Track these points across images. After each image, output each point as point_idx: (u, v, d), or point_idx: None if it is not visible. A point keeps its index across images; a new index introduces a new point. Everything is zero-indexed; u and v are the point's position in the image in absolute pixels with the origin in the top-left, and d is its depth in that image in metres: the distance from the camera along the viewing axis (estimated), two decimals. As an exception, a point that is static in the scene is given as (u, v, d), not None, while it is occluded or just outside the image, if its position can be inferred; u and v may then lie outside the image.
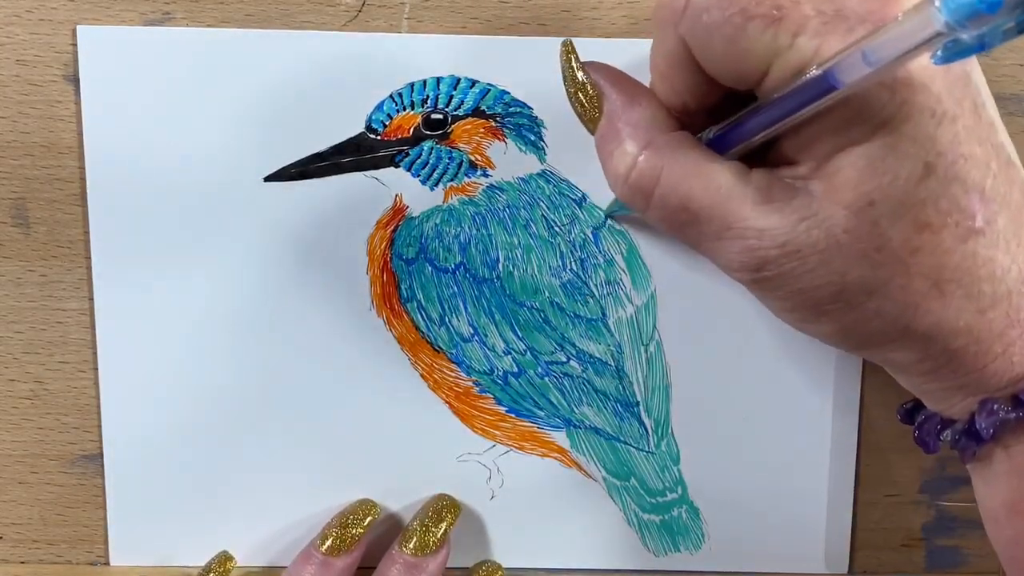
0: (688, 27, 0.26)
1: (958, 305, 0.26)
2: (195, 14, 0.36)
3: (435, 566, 0.36)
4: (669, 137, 0.28)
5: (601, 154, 0.29)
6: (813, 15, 0.24)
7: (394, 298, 0.37)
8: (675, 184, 0.27)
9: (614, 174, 0.28)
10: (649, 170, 0.27)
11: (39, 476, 0.39)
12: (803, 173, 0.26)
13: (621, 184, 0.28)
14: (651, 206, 0.27)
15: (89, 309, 0.37)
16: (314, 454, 0.38)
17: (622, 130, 0.28)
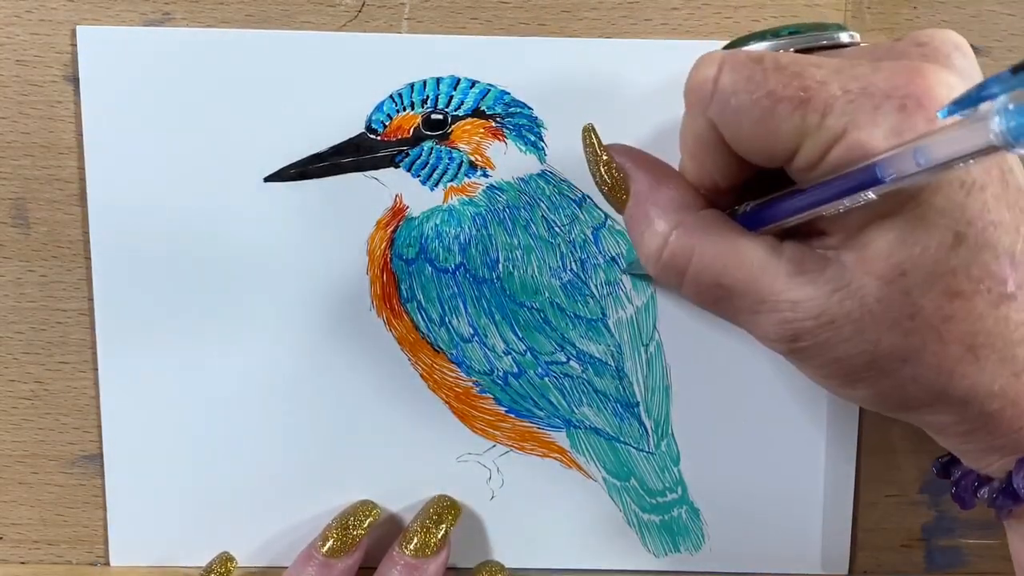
0: (717, 110, 0.26)
1: (993, 369, 0.26)
2: (195, 14, 0.36)
3: (435, 567, 0.36)
4: (699, 216, 0.28)
5: (632, 234, 0.29)
6: (840, 94, 0.24)
7: (394, 298, 0.37)
8: (708, 262, 0.27)
9: (646, 254, 0.29)
10: (681, 249, 0.28)
11: (39, 476, 0.39)
12: (834, 244, 0.26)
13: (654, 263, 0.28)
14: (685, 284, 0.28)
15: (89, 309, 0.37)
16: (314, 454, 0.38)
17: (651, 211, 0.28)
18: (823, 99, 0.25)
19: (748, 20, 0.36)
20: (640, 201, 0.29)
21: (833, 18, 0.36)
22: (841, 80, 0.25)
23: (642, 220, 0.29)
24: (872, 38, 0.36)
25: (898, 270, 0.25)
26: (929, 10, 0.36)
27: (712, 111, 0.26)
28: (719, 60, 0.26)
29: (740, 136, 0.26)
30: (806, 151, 0.25)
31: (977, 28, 0.36)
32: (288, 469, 0.38)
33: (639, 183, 0.29)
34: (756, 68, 0.26)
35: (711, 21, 0.36)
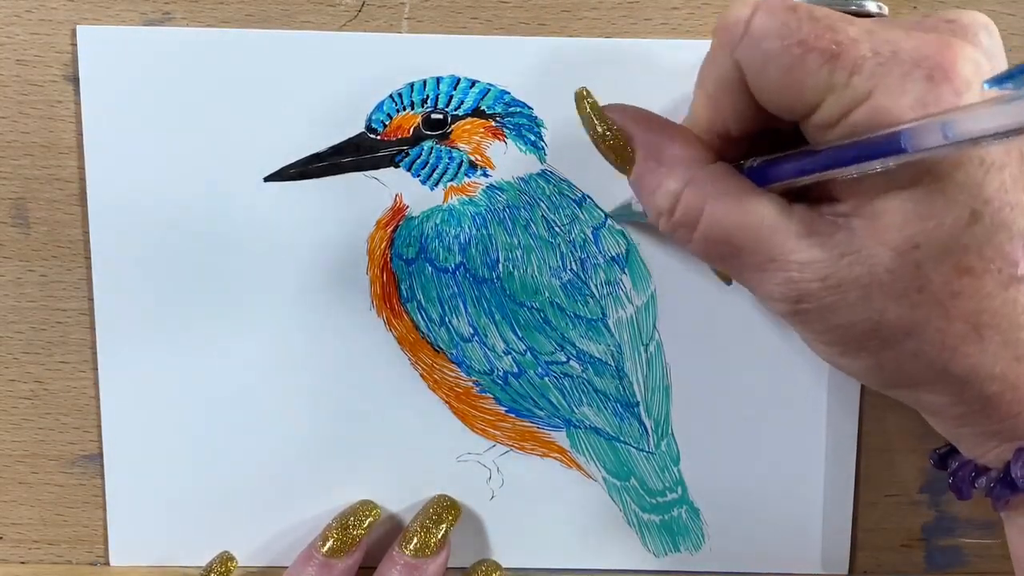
0: (745, 52, 0.26)
1: (995, 351, 0.26)
2: (195, 14, 0.36)
3: (435, 568, 0.36)
4: (709, 170, 0.28)
5: (641, 193, 0.29)
6: (870, 55, 0.24)
7: (394, 298, 0.37)
8: (719, 218, 0.27)
9: (656, 211, 0.28)
10: (693, 206, 0.27)
11: (39, 476, 0.39)
12: (844, 211, 0.26)
13: (665, 221, 0.28)
14: (695, 240, 0.28)
15: (89, 309, 0.37)
16: (314, 454, 0.38)
17: (659, 170, 0.28)
18: (853, 57, 0.24)
19: (748, 20, 0.36)
20: (647, 160, 0.28)
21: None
22: (873, 42, 0.24)
23: (651, 179, 0.28)
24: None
25: (911, 242, 0.25)
26: (929, 10, 0.36)
27: (740, 52, 0.26)
28: (754, 2, 0.26)
29: (764, 82, 0.26)
30: (828, 107, 0.25)
31: (977, 28, 0.36)
32: (288, 469, 0.38)
33: (644, 143, 0.28)
34: (791, 15, 0.25)
35: (711, 21, 0.36)
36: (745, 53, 0.26)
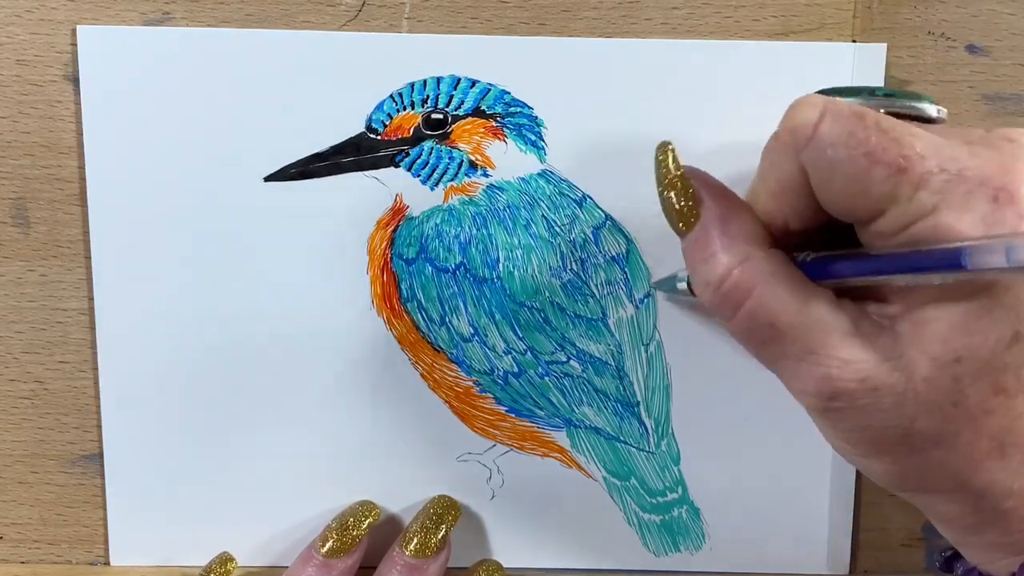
0: (811, 157, 0.26)
1: (1015, 468, 0.26)
2: (195, 14, 0.36)
3: (435, 568, 0.36)
4: (766, 254, 0.28)
5: (691, 259, 0.29)
6: (937, 172, 0.24)
7: (394, 298, 0.37)
8: (767, 302, 0.27)
9: (704, 280, 0.28)
10: (744, 284, 0.27)
11: (39, 476, 0.39)
12: (892, 313, 0.26)
13: (711, 292, 0.28)
14: (738, 317, 0.28)
15: (89, 309, 0.37)
16: (314, 454, 0.38)
17: (718, 239, 0.28)
18: (920, 172, 0.24)
19: (748, 20, 0.36)
20: (708, 228, 0.28)
21: (836, 18, 0.36)
22: (939, 158, 0.25)
23: (707, 247, 0.28)
24: (874, 38, 0.36)
25: (953, 355, 0.25)
26: (930, 10, 0.36)
27: (806, 156, 0.26)
28: (822, 106, 0.26)
29: (828, 187, 0.26)
30: (890, 218, 0.25)
31: (977, 28, 0.36)
32: (288, 469, 0.38)
33: (711, 209, 0.28)
34: (859, 124, 0.25)
35: (711, 20, 0.36)
36: (811, 157, 0.26)
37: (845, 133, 0.25)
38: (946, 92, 0.37)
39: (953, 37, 0.36)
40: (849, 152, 0.25)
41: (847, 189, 0.26)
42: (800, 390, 0.27)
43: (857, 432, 0.27)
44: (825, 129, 0.26)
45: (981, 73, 0.36)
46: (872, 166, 0.25)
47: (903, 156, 0.25)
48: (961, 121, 0.37)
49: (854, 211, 0.26)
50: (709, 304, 0.28)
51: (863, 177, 0.25)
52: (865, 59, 0.36)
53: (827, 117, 0.26)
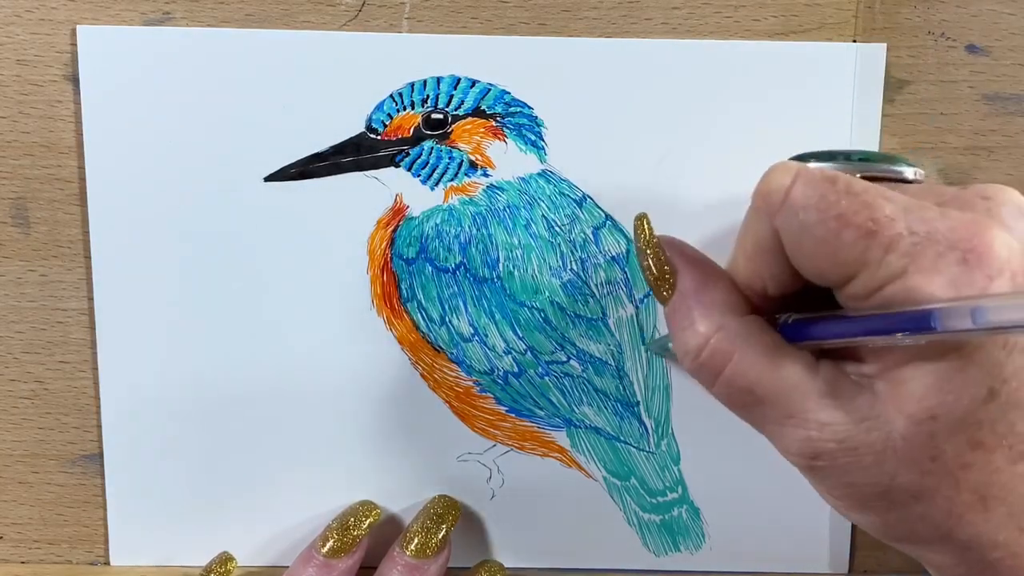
0: (783, 221, 0.26)
1: (999, 521, 0.26)
2: (195, 14, 0.36)
3: (436, 568, 0.36)
4: (742, 321, 0.28)
5: (671, 328, 0.29)
6: (906, 234, 0.25)
7: (394, 298, 0.37)
8: (745, 369, 0.27)
9: (683, 350, 0.29)
10: (720, 352, 0.28)
11: (39, 476, 0.39)
12: (869, 372, 0.27)
13: (691, 360, 0.29)
14: (718, 384, 0.28)
15: (89, 309, 0.37)
16: (314, 454, 0.38)
17: (694, 309, 0.28)
18: (889, 235, 0.25)
19: (748, 20, 0.36)
20: (685, 298, 0.29)
21: (836, 18, 0.36)
22: (909, 220, 0.25)
23: (684, 316, 0.29)
24: (874, 38, 0.36)
25: (928, 413, 0.25)
26: (930, 10, 0.36)
27: (779, 220, 0.27)
28: (794, 171, 0.26)
29: (801, 250, 0.27)
30: (862, 281, 0.25)
31: (977, 28, 0.36)
32: (288, 469, 0.38)
33: (686, 280, 0.29)
34: (830, 188, 0.26)
35: (711, 20, 0.36)
36: (783, 221, 0.26)
37: (816, 197, 0.26)
38: (946, 92, 0.37)
39: (953, 37, 0.36)
40: (820, 216, 0.26)
41: (819, 252, 0.26)
42: (785, 450, 0.28)
43: (841, 488, 0.27)
44: (797, 193, 0.26)
45: (981, 73, 0.36)
46: (842, 229, 0.25)
47: (872, 219, 0.25)
48: (961, 121, 0.37)
49: (826, 274, 0.26)
50: (690, 372, 0.29)
51: (834, 240, 0.25)
52: (865, 59, 0.36)
53: (799, 181, 0.26)
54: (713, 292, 0.29)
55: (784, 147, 0.36)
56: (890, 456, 0.26)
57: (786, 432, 0.27)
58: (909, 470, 0.26)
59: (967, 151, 0.37)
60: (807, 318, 0.28)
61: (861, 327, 0.26)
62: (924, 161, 0.37)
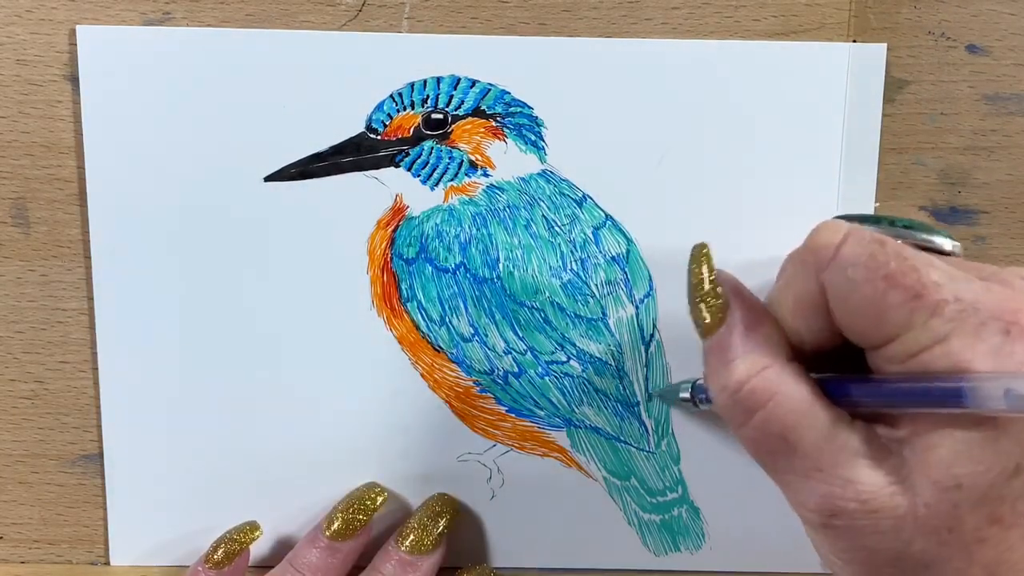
0: (831, 277, 0.27)
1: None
2: (195, 14, 0.36)
3: (429, 565, 0.36)
4: (787, 365, 0.28)
5: (711, 361, 0.29)
6: (951, 301, 0.25)
7: (394, 298, 0.37)
8: (782, 413, 0.27)
9: (721, 385, 0.28)
10: (761, 392, 0.27)
11: (39, 476, 0.39)
12: (900, 436, 0.26)
13: (727, 396, 0.28)
14: (750, 425, 0.28)
15: (89, 309, 0.37)
16: (314, 454, 0.38)
17: (741, 345, 0.28)
18: (935, 300, 0.25)
19: (748, 20, 0.36)
20: (733, 332, 0.29)
21: (836, 18, 0.36)
22: (955, 288, 0.25)
23: (729, 351, 0.28)
24: (874, 37, 0.36)
25: (955, 481, 0.25)
26: (930, 10, 0.36)
27: (827, 276, 0.27)
28: (845, 230, 0.27)
29: (846, 308, 0.27)
30: (904, 343, 0.26)
31: (977, 28, 0.36)
32: (288, 469, 0.38)
33: (737, 315, 0.29)
34: (879, 248, 0.26)
35: (711, 20, 0.36)
36: (831, 277, 0.27)
37: (866, 256, 0.26)
38: (946, 92, 0.37)
39: (953, 37, 0.36)
40: (868, 274, 0.26)
41: (864, 311, 0.26)
42: (801, 503, 0.28)
43: (851, 552, 0.27)
44: (847, 251, 0.26)
45: (981, 73, 0.37)
46: (889, 290, 0.25)
47: (920, 283, 0.25)
48: (960, 121, 0.37)
49: (868, 333, 0.26)
50: (722, 408, 0.29)
51: (880, 300, 0.26)
52: (865, 59, 0.36)
53: (850, 240, 0.26)
54: (763, 331, 0.29)
55: (784, 147, 0.36)
56: (909, 522, 0.26)
57: (809, 485, 0.27)
58: (926, 539, 0.26)
59: (967, 151, 0.37)
60: (842, 378, 0.28)
61: (896, 394, 0.26)
62: (925, 161, 0.37)
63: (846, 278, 0.26)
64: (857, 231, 0.27)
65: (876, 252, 0.26)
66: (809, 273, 0.27)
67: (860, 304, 0.26)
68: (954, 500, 0.25)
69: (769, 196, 0.36)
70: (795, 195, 0.36)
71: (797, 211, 0.36)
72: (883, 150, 0.37)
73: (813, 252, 0.27)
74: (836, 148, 0.36)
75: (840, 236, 0.27)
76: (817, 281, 0.27)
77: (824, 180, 0.36)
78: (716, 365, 0.29)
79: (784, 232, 0.37)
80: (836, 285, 0.27)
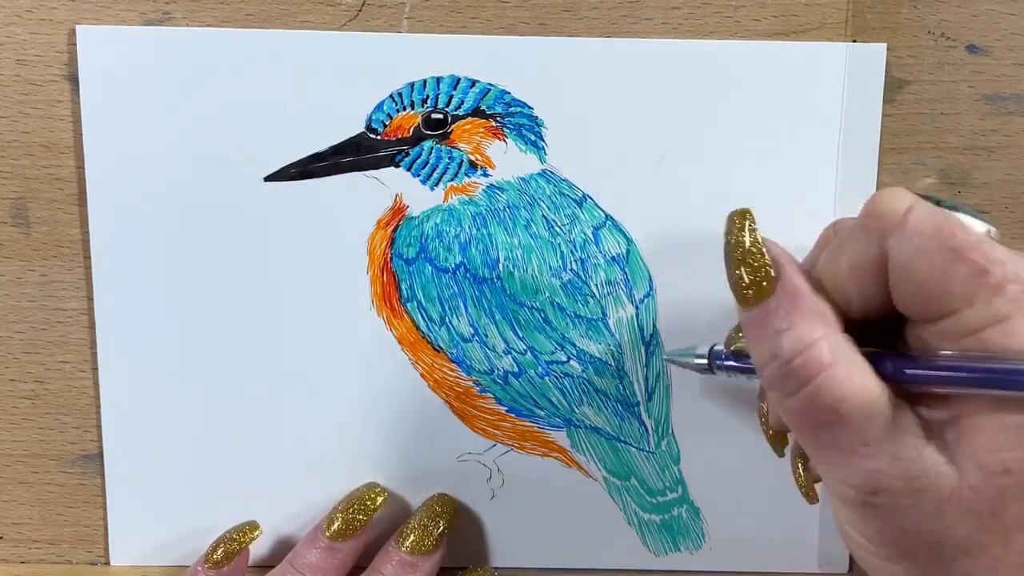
0: (897, 242, 0.26)
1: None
2: (195, 14, 0.36)
3: (430, 566, 0.36)
4: (842, 336, 0.27)
5: (760, 329, 0.28)
6: (1015, 280, 0.25)
7: (394, 298, 0.37)
8: (837, 383, 0.26)
9: (772, 353, 0.27)
10: (816, 361, 0.26)
11: (39, 476, 0.39)
12: (944, 418, 0.26)
13: (778, 365, 0.27)
14: (800, 395, 0.27)
15: (89, 309, 0.37)
16: (313, 454, 0.38)
17: (795, 314, 0.27)
18: (1000, 277, 0.25)
19: (748, 20, 0.36)
20: (784, 300, 0.27)
21: (836, 18, 0.36)
22: (1017, 268, 0.25)
23: (783, 319, 0.27)
24: (873, 38, 0.36)
25: (1002, 466, 0.25)
26: (930, 10, 0.36)
27: (893, 241, 0.26)
28: (911, 197, 0.26)
29: (908, 276, 0.26)
30: (964, 318, 0.25)
31: (977, 28, 0.36)
32: (288, 469, 0.38)
33: (793, 282, 0.28)
34: (946, 221, 0.26)
35: (711, 20, 0.36)
36: (897, 243, 0.26)
37: (933, 225, 0.26)
38: (946, 92, 0.37)
39: (953, 37, 0.36)
40: (937, 244, 0.25)
41: (928, 281, 0.26)
42: (843, 480, 0.27)
43: (888, 532, 0.26)
44: (916, 217, 0.26)
45: (981, 73, 0.37)
46: (956, 262, 0.25)
47: (987, 259, 0.25)
48: (960, 121, 0.37)
49: (928, 305, 0.26)
50: (769, 378, 0.28)
51: (946, 271, 0.25)
52: (865, 59, 0.36)
53: (916, 208, 0.26)
54: (816, 300, 0.27)
55: (785, 147, 0.36)
56: (954, 505, 0.25)
57: (853, 460, 0.26)
58: (968, 523, 0.25)
59: (967, 151, 0.37)
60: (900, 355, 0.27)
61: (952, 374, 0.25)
62: (925, 160, 0.37)
63: (913, 245, 0.26)
64: (922, 201, 0.26)
65: (942, 224, 0.25)
66: (871, 238, 0.27)
67: (925, 274, 0.25)
68: (1001, 485, 0.25)
69: (769, 196, 0.36)
70: (795, 195, 0.36)
71: (797, 211, 0.36)
72: (883, 150, 0.37)
73: (878, 218, 0.26)
74: (835, 148, 0.36)
75: (907, 203, 0.26)
76: (880, 247, 0.26)
77: (824, 180, 0.36)
78: (765, 334, 0.27)
79: (784, 232, 0.37)
80: (902, 252, 0.26)
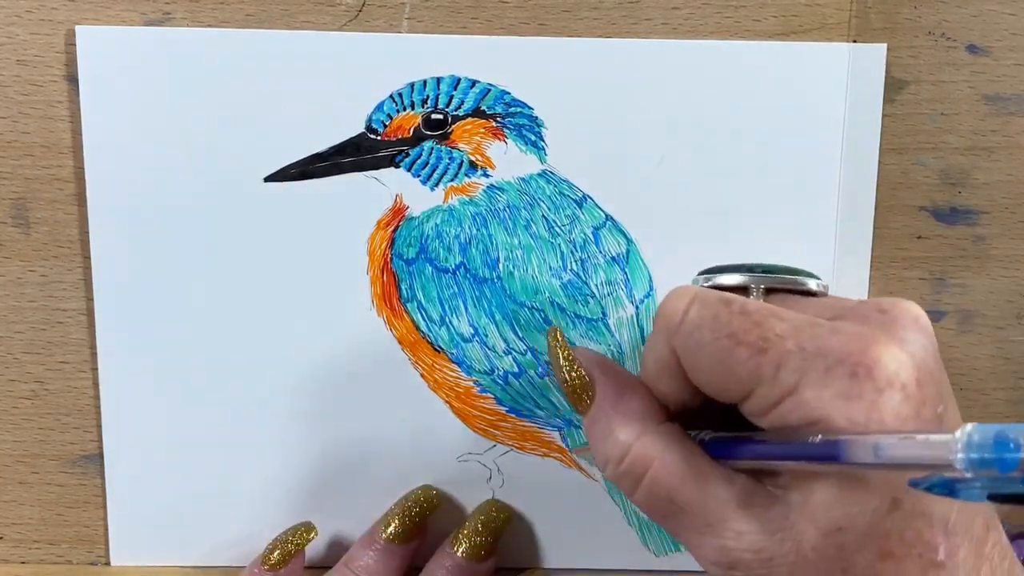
0: (680, 341, 0.27)
1: None
2: (195, 14, 0.36)
3: (483, 572, 0.36)
4: (661, 429, 0.29)
5: (591, 438, 0.30)
6: (795, 351, 0.25)
7: (394, 298, 0.37)
8: (664, 477, 0.28)
9: (604, 458, 0.29)
10: (641, 460, 0.28)
11: (39, 476, 0.39)
12: (782, 484, 0.27)
13: (612, 468, 0.29)
14: (638, 492, 0.29)
15: (89, 309, 0.37)
16: (314, 454, 0.38)
17: (614, 419, 0.29)
18: (779, 352, 0.26)
19: (749, 20, 0.36)
20: (603, 408, 0.30)
21: (836, 18, 0.36)
22: (798, 337, 0.26)
23: (604, 426, 0.29)
24: (875, 38, 0.36)
25: (835, 524, 0.26)
26: (930, 10, 0.36)
27: (676, 340, 0.28)
28: (692, 294, 0.28)
29: (698, 368, 0.27)
30: (758, 397, 0.26)
31: (977, 28, 0.36)
32: (288, 469, 0.38)
33: (604, 390, 0.30)
34: (723, 309, 0.27)
35: (712, 21, 0.36)
36: (680, 341, 0.27)
37: (710, 317, 0.27)
38: (946, 92, 0.37)
39: (953, 37, 0.36)
40: (713, 335, 0.26)
41: (715, 370, 0.27)
42: (703, 558, 0.28)
43: None
44: (692, 314, 0.27)
45: (981, 73, 0.37)
46: (734, 347, 0.26)
47: (763, 338, 0.26)
48: (961, 121, 0.37)
49: (725, 390, 0.27)
50: (612, 480, 0.29)
51: (727, 358, 0.26)
52: (865, 59, 0.36)
53: (695, 304, 0.27)
54: (631, 401, 0.29)
55: (785, 147, 0.36)
56: (803, 567, 0.26)
57: (704, 541, 0.28)
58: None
59: (967, 151, 0.37)
60: (723, 437, 0.28)
61: (773, 451, 0.26)
62: (925, 161, 0.37)
63: (693, 340, 0.27)
64: (703, 294, 0.27)
65: (720, 313, 0.27)
66: (662, 339, 0.28)
67: (710, 363, 0.27)
68: (839, 542, 0.25)
69: (769, 196, 0.36)
70: (795, 195, 0.36)
71: (797, 211, 0.36)
72: (883, 150, 0.37)
73: (664, 319, 0.28)
74: (836, 148, 0.36)
75: (686, 301, 0.27)
76: (669, 346, 0.28)
77: (824, 180, 0.36)
78: (596, 441, 0.30)
79: (784, 232, 0.37)
80: (686, 348, 0.27)
